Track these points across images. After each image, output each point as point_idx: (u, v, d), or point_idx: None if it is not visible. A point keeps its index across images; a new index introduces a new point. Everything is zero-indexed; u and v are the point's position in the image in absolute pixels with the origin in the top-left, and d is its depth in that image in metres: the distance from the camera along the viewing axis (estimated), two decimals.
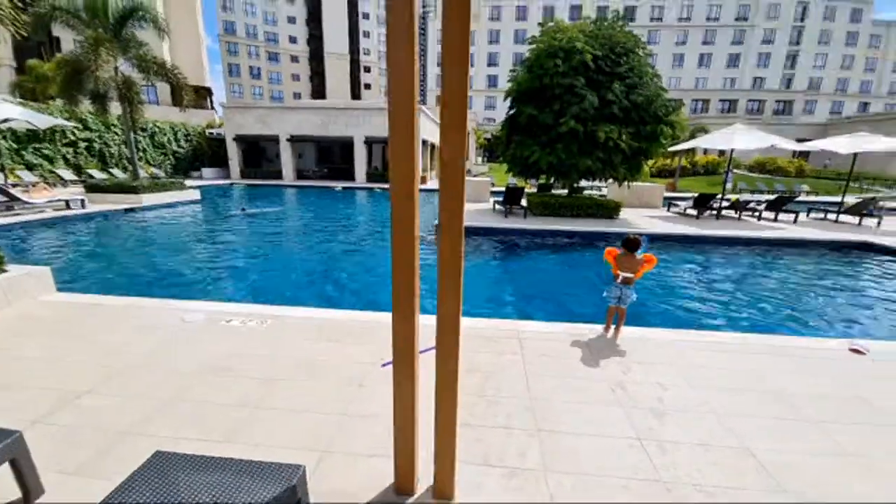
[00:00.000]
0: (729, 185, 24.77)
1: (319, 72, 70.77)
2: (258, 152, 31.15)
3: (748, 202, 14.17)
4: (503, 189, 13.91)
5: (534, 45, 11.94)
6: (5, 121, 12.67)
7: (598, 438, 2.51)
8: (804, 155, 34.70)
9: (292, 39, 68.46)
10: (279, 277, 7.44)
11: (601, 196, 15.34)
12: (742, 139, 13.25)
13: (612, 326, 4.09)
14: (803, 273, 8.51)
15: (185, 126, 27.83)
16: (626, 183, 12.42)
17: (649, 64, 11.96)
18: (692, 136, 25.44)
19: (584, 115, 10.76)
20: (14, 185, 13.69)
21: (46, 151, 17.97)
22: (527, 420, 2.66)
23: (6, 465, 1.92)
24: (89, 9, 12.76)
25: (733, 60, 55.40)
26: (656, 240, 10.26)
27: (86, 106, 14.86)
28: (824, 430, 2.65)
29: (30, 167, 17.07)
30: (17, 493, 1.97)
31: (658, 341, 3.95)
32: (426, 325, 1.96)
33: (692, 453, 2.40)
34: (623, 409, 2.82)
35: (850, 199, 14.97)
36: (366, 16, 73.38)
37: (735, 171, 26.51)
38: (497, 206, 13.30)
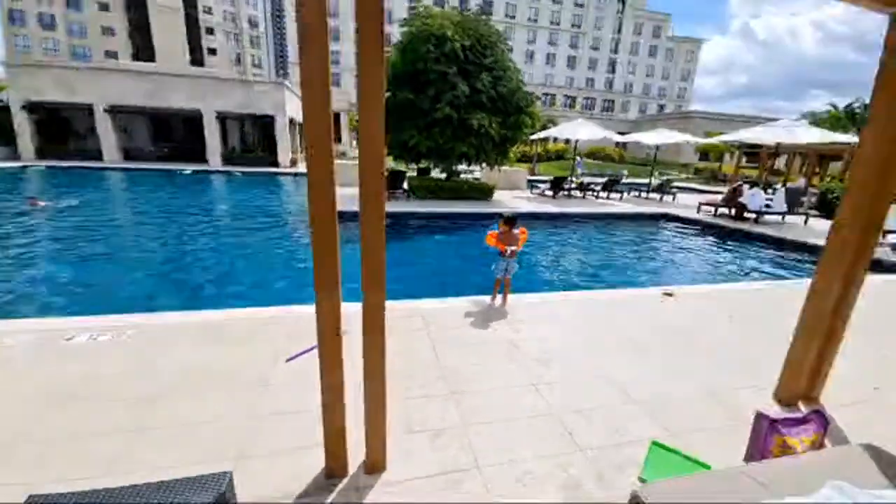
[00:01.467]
0: (580, 170, 29.31)
1: (143, 26, 57.72)
2: (61, 124, 24.26)
3: (589, 184, 17.07)
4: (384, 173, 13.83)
5: (405, 28, 11.99)
6: None
7: (502, 391, 2.89)
8: (624, 145, 43.05)
9: None
10: (120, 281, 6.16)
11: (475, 179, 16.56)
12: (585, 131, 15.85)
13: (499, 295, 4.62)
14: (630, 238, 10.78)
15: None
16: (496, 167, 13.65)
17: (510, 58, 13.19)
18: (544, 127, 29.14)
19: (458, 101, 11.37)
20: None
21: None
22: (441, 387, 2.90)
23: None
24: None
25: (571, 62, 64.55)
26: (526, 218, 11.66)
27: None
28: (652, 354, 3.56)
29: None
30: None
31: (535, 303, 4.64)
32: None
33: (573, 388, 2.97)
34: (517, 363, 3.28)
35: (654, 181, 19.28)
36: None
37: (577, 157, 31.40)
38: None
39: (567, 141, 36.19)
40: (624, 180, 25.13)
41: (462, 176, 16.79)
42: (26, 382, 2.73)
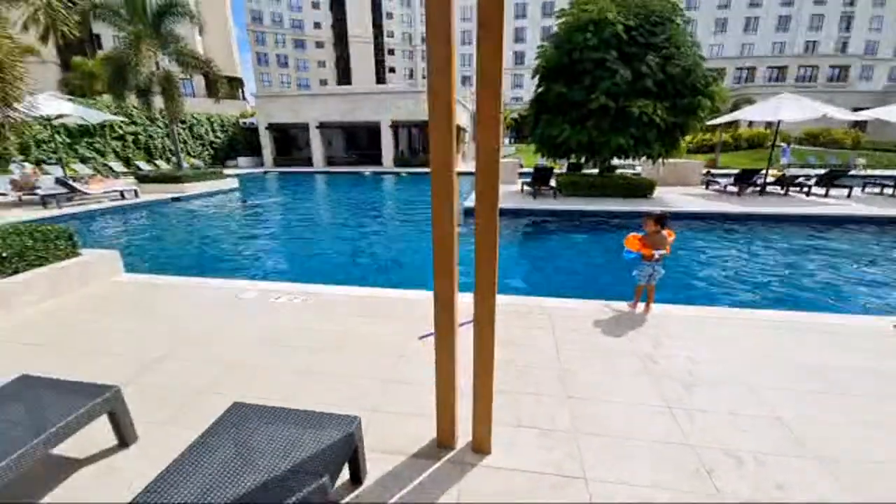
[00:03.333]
0: (785, 160, 23.27)
1: (344, 57, 70.91)
2: (289, 140, 32.01)
3: (796, 177, 13.36)
4: (531, 170, 13.76)
5: (562, 19, 11.57)
6: (59, 117, 13.66)
7: (626, 406, 2.63)
8: (861, 125, 31.90)
9: (317, 25, 68.72)
10: (314, 259, 7.83)
11: (634, 174, 14.89)
12: (789, 110, 12.44)
13: (641, 303, 4.13)
14: (853, 250, 8.05)
15: (220, 117, 28.88)
16: (660, 160, 11.99)
17: (688, 32, 11.35)
18: (735, 108, 23.94)
19: (617, 89, 10.41)
20: (72, 178, 14.84)
21: (97, 145, 19.25)
22: (556, 388, 2.82)
23: (104, 417, 2.26)
24: (129, 5, 13.39)
25: (783, 24, 51.07)
26: (688, 218, 9.94)
27: (131, 101, 15.72)
28: (855, 401, 2.66)
29: (83, 160, 18.36)
30: (113, 441, 2.33)
31: (688, 317, 3.97)
32: (465, 303, 2.13)
33: (721, 421, 2.48)
34: (652, 379, 2.91)
35: None
36: None
37: (782, 144, 24.77)
38: (526, 188, 13.21)
39: (769, 125, 28.89)
40: (856, 171, 18.81)
41: (620, 171, 15.33)
42: (248, 327, 3.83)
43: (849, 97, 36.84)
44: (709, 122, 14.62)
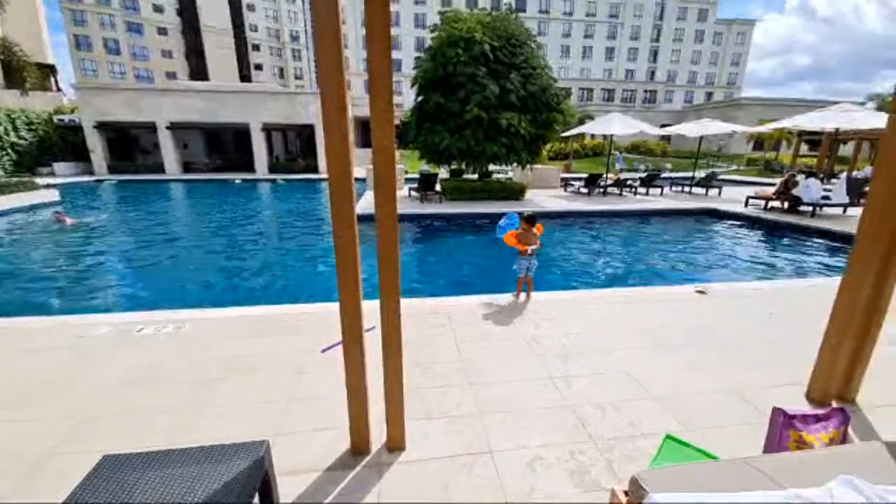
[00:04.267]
0: (619, 166, 28.45)
1: (197, 48, 62.48)
2: (130, 142, 26.82)
3: (626, 180, 16.53)
4: (417, 175, 14.23)
5: (436, 34, 12.26)
6: None
7: (519, 383, 3.01)
8: (667, 138, 41.06)
9: (157, 8, 59.11)
10: (177, 280, 6.83)
11: (507, 179, 16.54)
12: (618, 126, 15.40)
13: (523, 293, 4.71)
14: (668, 235, 10.39)
15: (24, 112, 22.70)
16: (528, 166, 13.59)
17: (541, 56, 13.11)
18: (580, 123, 28.48)
19: (487, 102, 11.47)
20: None
21: None
22: (460, 378, 3.06)
23: None
24: None
25: (609, 53, 62.46)
26: (555, 217, 11.54)
27: None
28: (677, 352, 3.52)
29: None
30: None
31: (560, 301, 4.68)
32: (365, 310, 2.19)
33: (590, 382, 3.03)
34: (537, 357, 3.38)
35: (700, 174, 18.34)
36: None
37: (615, 152, 30.35)
38: (412, 193, 13.59)
39: (605, 136, 35.06)
40: (666, 174, 24.07)
41: (495, 176, 16.85)
42: (106, 370, 3.20)
43: (658, 115, 46.99)
44: (563, 134, 17.14)
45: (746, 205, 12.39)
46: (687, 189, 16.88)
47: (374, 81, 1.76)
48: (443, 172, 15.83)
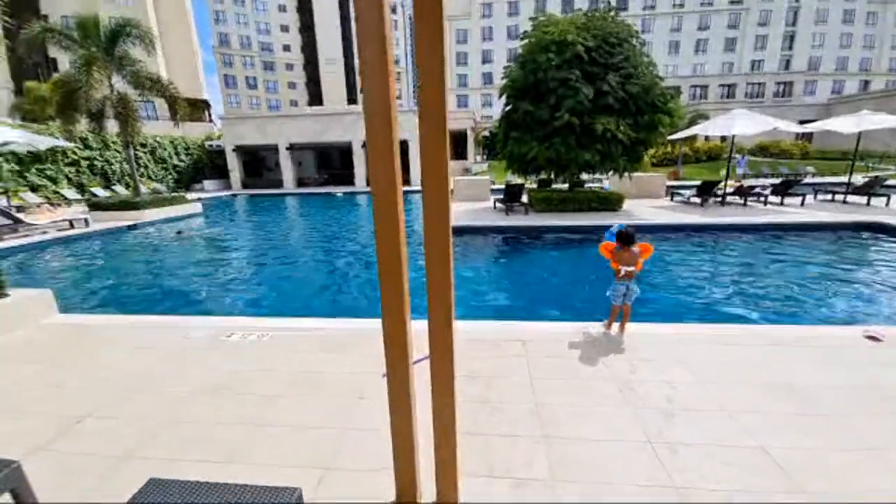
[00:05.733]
0: (741, 171, 24.56)
1: (314, 78, 71.04)
2: (258, 162, 31.30)
3: (753, 187, 13.96)
4: (503, 187, 13.83)
5: (525, 41, 11.86)
6: (4, 144, 12.79)
7: (606, 443, 2.43)
8: (808, 136, 34.24)
9: (286, 48, 68.73)
10: (280, 287, 7.42)
11: (600, 188, 15.22)
12: (743, 124, 13.09)
13: (616, 324, 4.00)
14: (816, 258, 8.34)
15: (184, 140, 27.96)
16: (626, 174, 12.28)
17: (644, 53, 11.83)
18: (692, 124, 25.21)
19: (581, 107, 10.64)
20: (18, 208, 13.80)
21: (49, 172, 18.13)
22: (532, 426, 2.59)
23: (6, 495, 1.89)
24: (81, 28, 12.83)
25: (730, 44, 54.84)
26: (659, 231, 10.13)
27: (84, 125, 14.93)
28: (841, 424, 2.56)
29: (34, 188, 17.21)
30: None
31: (664, 336, 3.87)
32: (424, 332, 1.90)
33: (705, 455, 2.32)
34: (631, 409, 2.74)
35: (858, 179, 14.73)
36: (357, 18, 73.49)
37: (737, 155, 26.19)
38: (498, 205, 13.23)
39: (723, 138, 30.54)
40: (808, 180, 19.96)
41: (587, 186, 15.64)
42: (193, 372, 3.44)
43: (795, 110, 39.57)
44: (669, 137, 15.23)
45: None
46: (840, 198, 13.62)
47: (424, 76, 1.49)
48: (534, 184, 15.21)
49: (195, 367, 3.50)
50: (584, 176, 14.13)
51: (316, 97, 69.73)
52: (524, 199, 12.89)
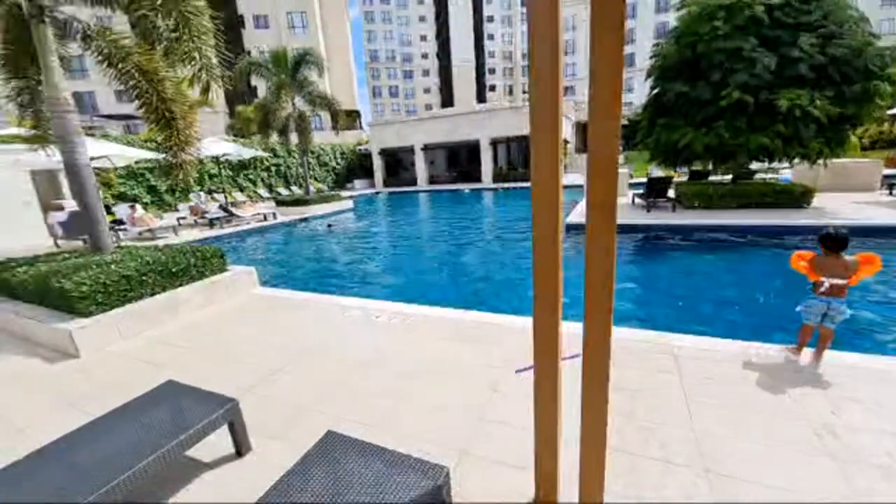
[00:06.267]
0: None
1: (448, 80, 74.88)
2: (397, 162, 34.63)
3: None
4: (644, 180, 12.39)
5: (684, 10, 10.30)
6: (224, 155, 16.90)
7: (790, 494, 1.97)
8: None
9: (424, 55, 74.13)
10: (414, 277, 8.08)
11: (776, 180, 12.37)
12: None
13: (810, 350, 3.19)
14: None
15: (341, 146, 32.68)
16: (821, 161, 9.69)
17: (851, 6, 9.12)
18: None
19: (756, 81, 8.79)
20: (232, 204, 18.16)
21: (251, 176, 23.32)
22: (689, 455, 2.26)
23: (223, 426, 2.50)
24: (275, 59, 16.05)
25: None
26: (873, 234, 7.72)
27: (273, 138, 18.72)
28: None
29: (241, 189, 22.39)
30: (230, 450, 2.54)
31: (880, 373, 2.93)
32: (570, 333, 1.84)
33: None
34: (833, 461, 2.15)
35: None
36: (490, 19, 74.56)
37: None
38: (637, 200, 11.92)
39: None
40: None
41: (759, 176, 12.88)
42: (351, 345, 4.01)
43: None
44: (890, 112, 11.47)
45: None
46: None
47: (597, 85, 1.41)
48: (684, 177, 13.28)
49: (354, 341, 4.07)
50: (755, 166, 11.67)
51: (448, 100, 73.51)
52: (671, 193, 11.32)
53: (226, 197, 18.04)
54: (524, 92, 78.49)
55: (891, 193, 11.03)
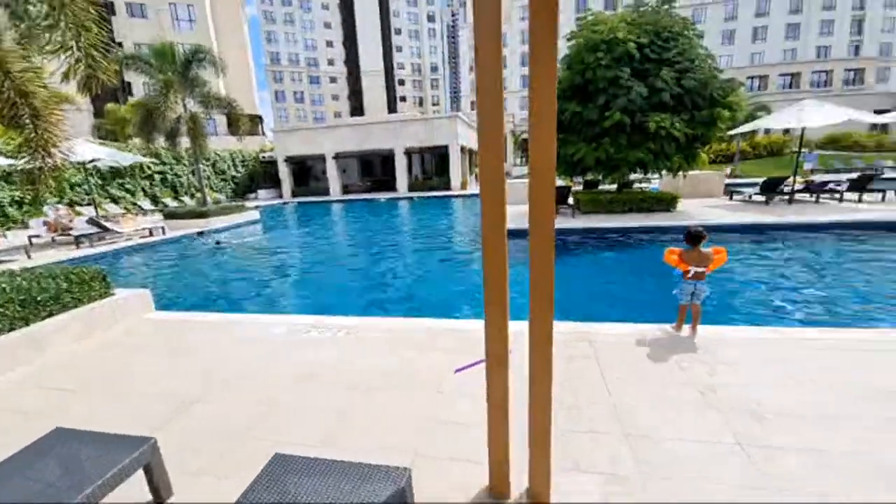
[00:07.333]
0: (809, 166, 22.78)
1: (357, 89, 73.67)
2: (306, 171, 32.87)
3: (825, 183, 12.89)
4: None
5: (572, 41, 11.71)
6: (93, 161, 14.37)
7: (694, 444, 2.39)
8: (883, 127, 31.00)
9: (330, 62, 71.89)
10: (338, 289, 7.79)
11: (648, 189, 14.68)
12: (813, 115, 12.13)
13: (686, 325, 3.89)
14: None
15: (241, 152, 29.99)
16: (681, 173, 11.76)
17: (700, 45, 11.31)
18: (751, 118, 23.65)
19: (632, 106, 10.36)
20: (105, 217, 15.42)
21: (128, 185, 20.11)
22: (611, 425, 2.60)
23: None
24: (158, 55, 14.21)
25: (792, 31, 50.91)
26: (722, 231, 9.60)
27: (159, 142, 16.46)
28: None
29: (114, 200, 19.17)
30: (148, 496, 2.21)
31: (741, 339, 3.71)
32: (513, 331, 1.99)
33: (807, 462, 2.22)
34: (717, 413, 2.66)
35: None
36: (398, 31, 75.53)
37: (805, 150, 24.23)
38: None
39: (786, 131, 28.33)
40: (888, 175, 18.11)
41: (637, 186, 15.10)
42: (281, 364, 3.74)
43: (867, 99, 35.98)
44: (730, 132, 14.41)
45: None
46: None
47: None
48: (580, 186, 14.93)
49: (283, 360, 3.80)
50: (633, 176, 13.67)
51: (358, 108, 72.26)
52: (570, 201, 12.68)
53: (96, 209, 15.32)
54: (434, 104, 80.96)
55: (731, 198, 13.80)
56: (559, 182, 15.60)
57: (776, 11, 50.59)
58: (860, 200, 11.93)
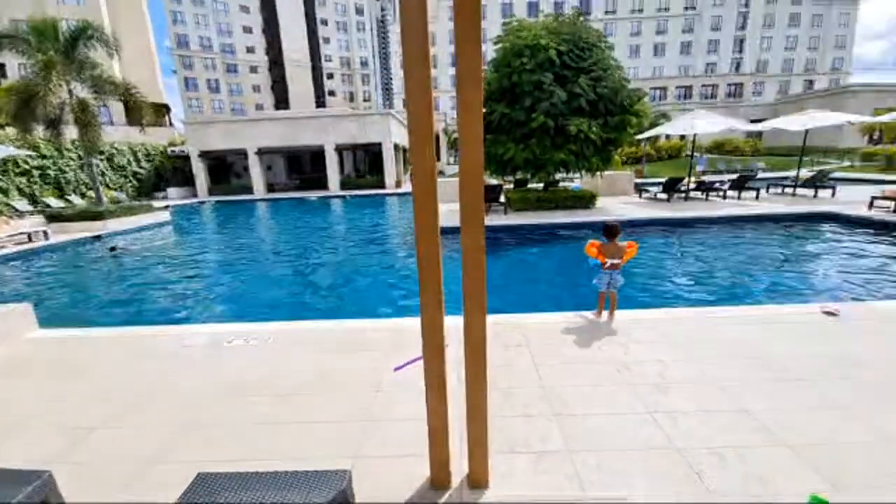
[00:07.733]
0: (701, 168, 26.06)
1: (281, 81, 69.28)
2: (226, 168, 30.30)
3: (713, 183, 14.90)
4: None
5: (499, 45, 12.20)
6: None
7: (611, 417, 2.67)
8: (758, 134, 36.67)
9: (250, 49, 66.66)
10: (265, 294, 7.33)
11: (571, 188, 15.84)
12: (703, 123, 13.98)
13: (605, 311, 4.30)
14: (775, 245, 9.06)
15: (144, 146, 26.70)
16: (598, 173, 12.85)
17: (612, 57, 12.42)
18: (654, 124, 26.51)
19: (554, 109, 11.07)
20: None
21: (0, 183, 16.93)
22: (543, 407, 2.79)
23: None
24: (37, 32, 12.12)
25: (685, 48, 57.93)
26: (635, 225, 10.67)
27: (39, 132, 14.06)
28: (806, 387, 2.91)
29: None
30: None
31: (650, 321, 4.18)
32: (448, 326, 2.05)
33: (700, 421, 2.59)
34: (630, 387, 2.99)
35: (804, 173, 16.00)
36: (324, 22, 72.24)
37: (697, 154, 27.78)
38: None
39: (682, 137, 32.25)
40: (761, 175, 21.42)
41: (561, 185, 16.19)
42: (200, 377, 3.44)
43: (746, 110, 42.34)
44: (637, 137, 16.03)
45: (871, 207, 10.46)
46: (790, 191, 14.77)
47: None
48: (511, 184, 15.60)
49: (203, 374, 3.49)
50: (558, 175, 14.64)
51: (283, 100, 68.02)
52: (502, 199, 13.22)
53: None
54: (365, 100, 78.95)
55: (640, 196, 15.37)
56: (492, 181, 16.16)
57: (672, 29, 57.23)
58: (739, 197, 14.01)
